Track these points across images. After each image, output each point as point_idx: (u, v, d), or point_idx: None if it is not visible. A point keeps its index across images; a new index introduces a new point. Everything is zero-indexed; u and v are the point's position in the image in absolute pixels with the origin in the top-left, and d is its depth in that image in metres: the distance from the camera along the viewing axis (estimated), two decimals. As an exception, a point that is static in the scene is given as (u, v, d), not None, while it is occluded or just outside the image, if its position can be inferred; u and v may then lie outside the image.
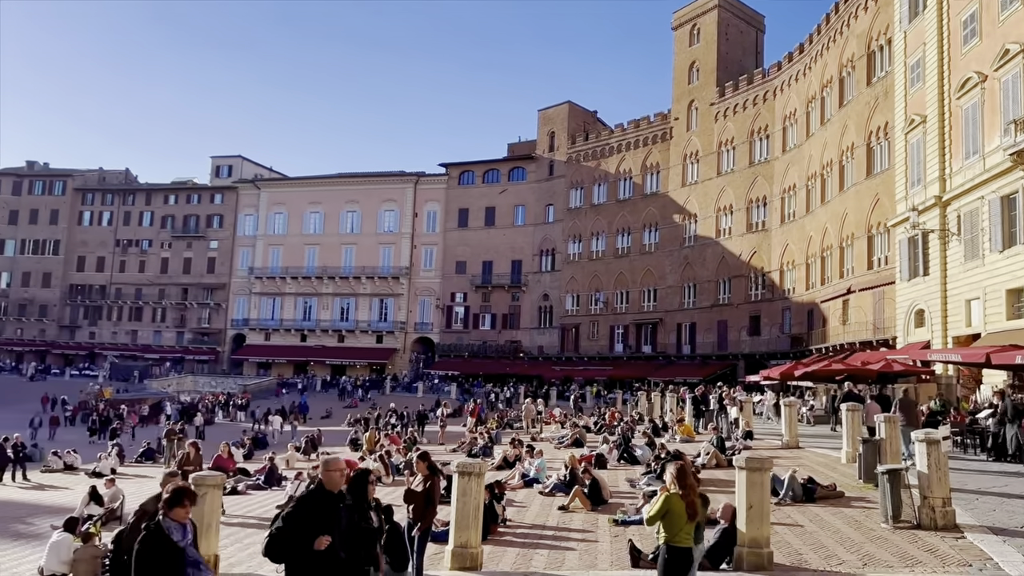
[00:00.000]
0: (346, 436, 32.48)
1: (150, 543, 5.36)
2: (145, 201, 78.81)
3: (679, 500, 6.53)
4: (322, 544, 5.37)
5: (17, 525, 16.08)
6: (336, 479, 5.73)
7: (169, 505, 5.60)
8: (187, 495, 5.75)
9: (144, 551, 5.33)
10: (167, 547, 5.40)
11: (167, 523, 5.51)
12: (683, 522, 6.49)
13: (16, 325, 78.57)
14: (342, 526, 5.61)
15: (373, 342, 69.75)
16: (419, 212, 70.61)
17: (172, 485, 6.11)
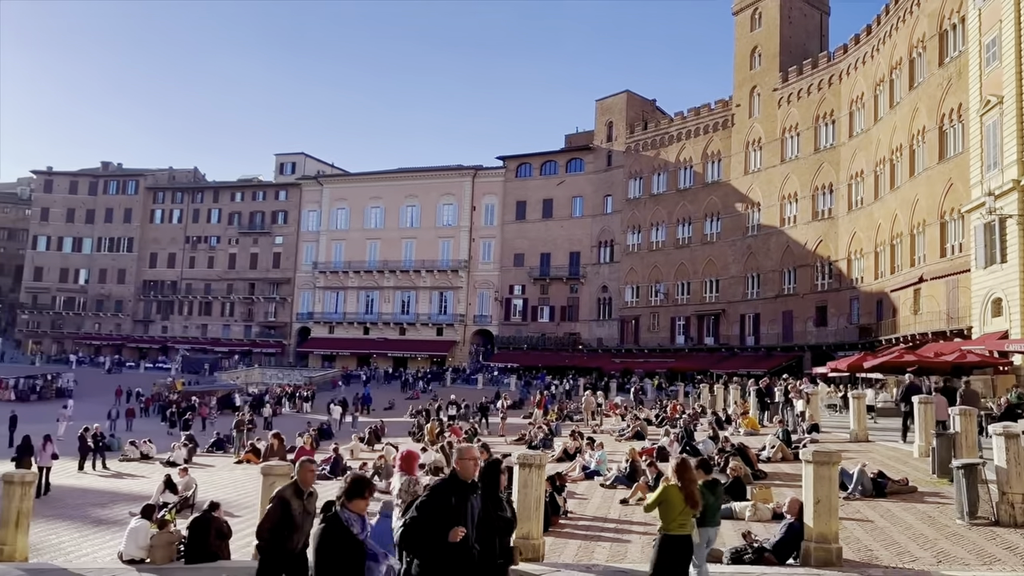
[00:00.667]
0: (408, 427, 32.95)
1: (330, 536, 5.17)
2: (213, 199, 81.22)
3: (676, 491, 6.85)
4: (457, 535, 5.18)
5: (97, 511, 16.80)
6: (470, 468, 5.52)
7: (348, 496, 5.40)
8: (368, 486, 5.54)
9: (324, 544, 5.16)
10: (347, 540, 5.21)
11: (346, 515, 5.29)
12: (677, 512, 6.79)
13: (94, 320, 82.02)
14: (476, 517, 5.43)
15: (433, 335, 70.49)
16: (477, 205, 70.94)
17: (351, 475, 5.88)
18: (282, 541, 6.43)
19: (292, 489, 6.63)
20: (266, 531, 6.46)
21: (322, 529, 5.24)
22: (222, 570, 9.51)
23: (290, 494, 6.56)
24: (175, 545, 10.38)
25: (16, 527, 10.39)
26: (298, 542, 6.44)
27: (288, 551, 6.47)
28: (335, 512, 5.33)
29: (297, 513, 6.51)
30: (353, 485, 5.45)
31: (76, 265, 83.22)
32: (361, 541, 5.26)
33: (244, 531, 11.96)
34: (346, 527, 5.21)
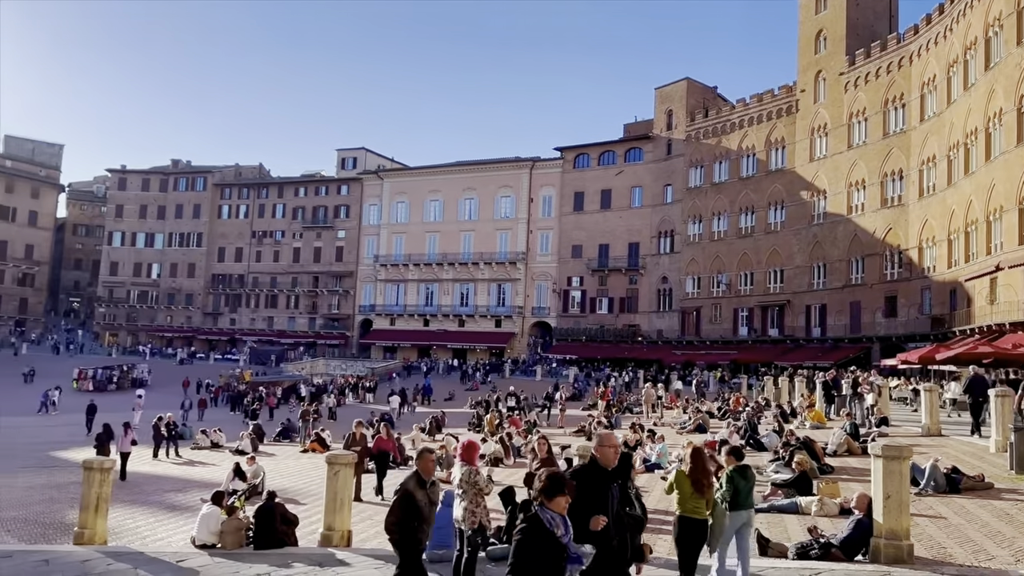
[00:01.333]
0: (467, 418, 33.24)
1: (531, 539, 4.67)
2: (277, 194, 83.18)
3: (685, 477, 7.27)
4: (598, 524, 4.91)
5: (171, 497, 17.43)
6: (611, 456, 5.24)
7: (548, 494, 4.82)
8: (568, 484, 4.99)
9: (525, 547, 4.67)
10: (550, 543, 4.68)
11: (547, 515, 4.75)
12: (687, 496, 7.16)
13: (166, 313, 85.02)
14: (614, 509, 5.14)
15: (492, 326, 70.84)
16: (535, 197, 70.88)
17: (547, 472, 5.14)
18: (412, 533, 6.27)
19: (415, 480, 6.48)
20: (393, 525, 6.33)
21: (522, 531, 4.73)
22: (288, 556, 9.77)
23: (413, 485, 6.41)
24: (244, 531, 10.70)
25: (96, 511, 10.86)
26: (427, 533, 6.32)
27: (420, 543, 6.33)
28: (535, 512, 4.82)
29: (423, 504, 6.40)
30: (552, 482, 4.88)
31: (149, 260, 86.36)
32: (564, 544, 4.74)
33: (311, 518, 12.25)
34: (549, 530, 4.70)
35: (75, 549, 10.50)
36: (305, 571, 8.90)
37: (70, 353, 73.46)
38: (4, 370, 58.32)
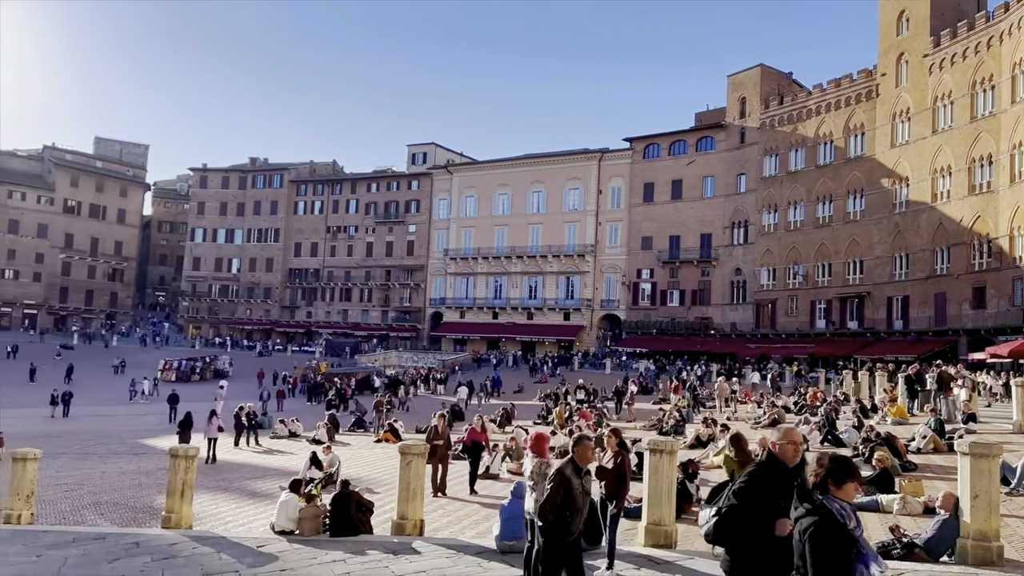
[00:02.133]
0: (536, 411, 33.29)
1: (826, 534, 4.03)
2: (351, 190, 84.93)
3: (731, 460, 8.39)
4: (785, 528, 4.47)
5: (251, 484, 18.05)
6: (791, 452, 4.82)
7: (837, 479, 4.19)
8: (856, 469, 4.36)
9: (822, 545, 4.05)
10: (845, 539, 4.04)
11: (835, 505, 4.11)
12: None
13: (246, 306, 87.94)
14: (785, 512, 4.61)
15: (561, 319, 70.72)
16: (603, 189, 70.31)
17: (831, 455, 4.55)
18: (567, 523, 6.07)
19: (571, 467, 6.23)
20: (549, 512, 6.13)
21: (814, 524, 4.07)
22: (363, 543, 9.99)
23: (570, 472, 6.17)
24: (321, 518, 11.00)
25: (182, 497, 11.34)
26: (580, 524, 6.07)
27: (572, 533, 6.13)
28: (821, 502, 4.16)
29: (578, 493, 6.18)
30: (839, 465, 4.24)
31: (229, 255, 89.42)
32: (856, 539, 4.07)
33: (384, 507, 12.49)
34: (841, 523, 4.05)
35: (163, 532, 10.99)
36: (379, 558, 9.09)
37: (156, 345, 76.77)
38: (97, 361, 61.42)
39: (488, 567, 8.69)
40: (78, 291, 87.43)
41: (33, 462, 12.34)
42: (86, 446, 25.93)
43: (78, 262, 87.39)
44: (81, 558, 9.48)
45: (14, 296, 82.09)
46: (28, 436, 26.15)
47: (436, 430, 15.77)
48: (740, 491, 4.77)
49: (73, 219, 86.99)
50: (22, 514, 12.02)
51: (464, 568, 8.65)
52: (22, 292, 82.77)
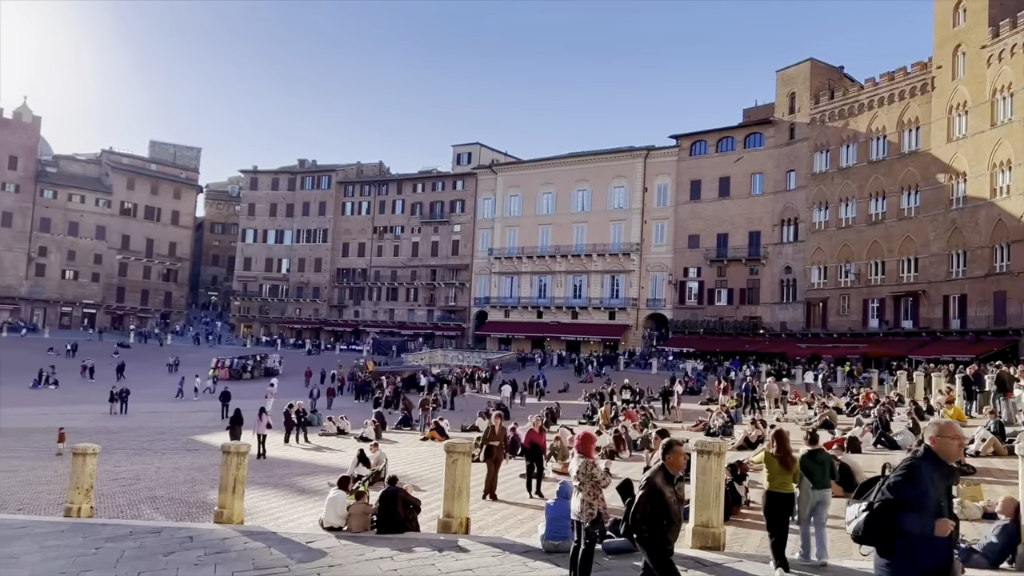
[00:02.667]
0: (582, 410, 33.17)
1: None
2: (397, 190, 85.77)
3: (772, 457, 8.47)
4: (947, 529, 4.24)
5: (301, 481, 18.34)
6: (954, 449, 4.54)
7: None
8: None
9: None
10: None
11: None
12: (777, 473, 8.37)
13: (295, 306, 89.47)
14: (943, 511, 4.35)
15: (606, 318, 70.33)
16: (649, 187, 69.70)
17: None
18: (663, 533, 5.79)
19: (662, 475, 5.88)
20: (641, 522, 5.80)
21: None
22: (410, 540, 10.07)
23: (661, 481, 5.84)
24: (368, 515, 11.11)
25: (233, 493, 11.57)
26: (676, 534, 5.75)
27: (669, 542, 5.84)
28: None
29: (671, 501, 5.88)
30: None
31: (279, 255, 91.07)
32: None
33: (430, 504, 12.57)
34: None
35: (215, 527, 11.23)
36: (426, 556, 9.14)
37: (209, 344, 78.57)
38: (152, 359, 63.17)
39: (534, 567, 8.68)
40: (134, 291, 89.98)
41: (92, 457, 12.72)
42: (142, 442, 26.65)
43: (134, 263, 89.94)
44: (138, 551, 9.74)
45: (74, 296, 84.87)
46: (87, 431, 26.99)
47: (493, 430, 15.20)
48: (897, 485, 4.34)
49: (129, 221, 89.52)
50: (82, 507, 12.41)
51: (510, 567, 8.65)
52: (82, 292, 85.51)
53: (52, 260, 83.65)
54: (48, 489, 16.86)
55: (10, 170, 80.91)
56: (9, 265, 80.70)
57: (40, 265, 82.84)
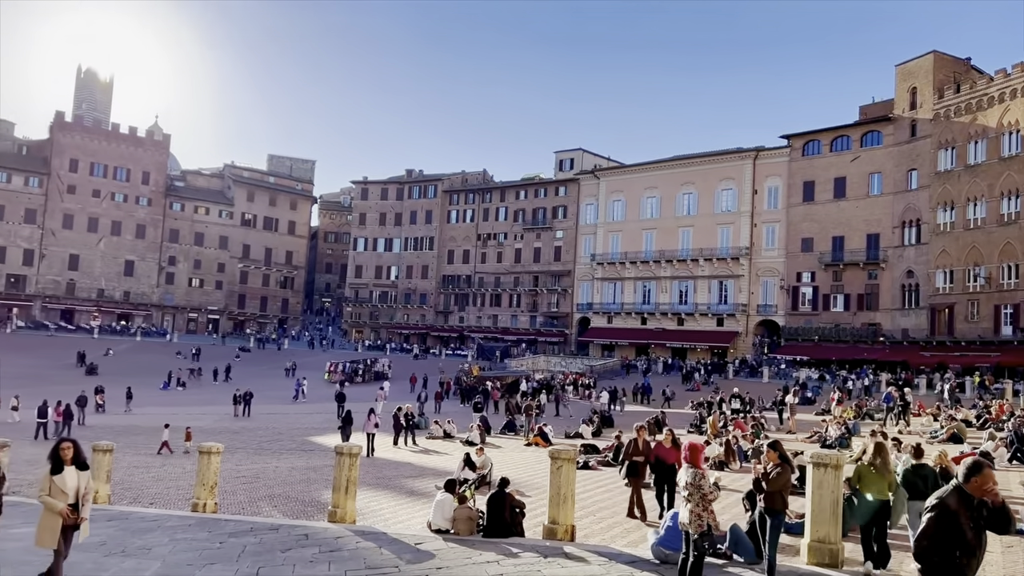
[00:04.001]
0: (689, 419, 32.45)
1: None
2: (500, 198, 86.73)
3: (867, 467, 9.00)
4: None
5: (409, 483, 18.75)
6: None
7: None
8: None
9: None
10: None
11: None
12: (870, 483, 8.84)
13: (403, 311, 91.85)
14: None
15: (713, 325, 68.58)
16: (759, 189, 67.55)
17: None
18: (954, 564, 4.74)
19: (956, 496, 4.81)
20: (924, 549, 4.83)
21: None
22: (515, 545, 10.09)
23: (955, 502, 4.80)
24: (474, 519, 11.22)
25: (346, 493, 11.94)
26: (974, 569, 4.80)
27: None
28: None
29: (968, 529, 4.76)
30: None
31: (388, 263, 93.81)
32: None
33: (535, 510, 12.58)
34: None
35: (329, 526, 11.62)
36: (531, 561, 9.14)
37: (323, 348, 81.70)
38: (271, 363, 66.25)
39: (641, 577, 8.52)
40: (254, 297, 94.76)
41: (216, 455, 13.44)
42: (261, 442, 27.95)
43: (254, 271, 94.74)
44: (257, 546, 10.20)
45: (200, 302, 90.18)
46: (212, 431, 28.58)
47: (636, 444, 13.42)
48: None
49: (250, 231, 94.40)
50: (207, 503, 13.12)
51: (616, 577, 8.53)
52: (206, 299, 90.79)
53: (180, 269, 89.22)
54: (176, 485, 17.92)
55: (143, 185, 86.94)
56: (142, 274, 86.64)
57: (169, 274, 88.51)
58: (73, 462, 7.43)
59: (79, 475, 7.46)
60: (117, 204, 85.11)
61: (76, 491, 7.39)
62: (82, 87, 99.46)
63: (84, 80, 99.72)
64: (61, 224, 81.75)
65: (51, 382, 46.83)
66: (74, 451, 7.49)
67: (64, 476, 7.34)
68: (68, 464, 7.39)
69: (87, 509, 7.54)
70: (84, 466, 7.58)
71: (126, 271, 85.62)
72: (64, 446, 7.49)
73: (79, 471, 7.48)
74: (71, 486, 7.36)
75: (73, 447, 7.52)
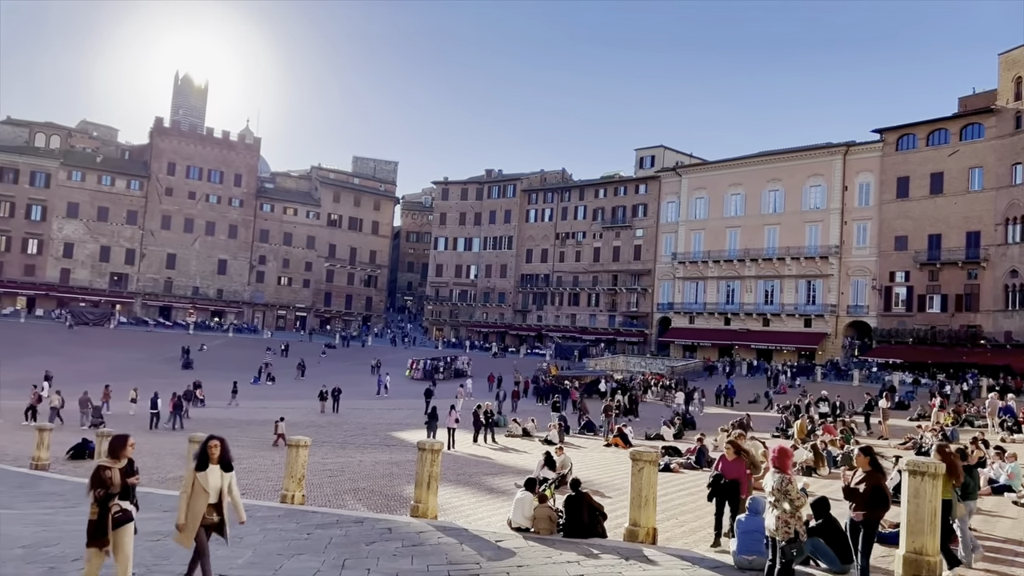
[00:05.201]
0: (774, 423, 31.59)
1: None
2: (579, 196, 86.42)
3: None
4: None
5: (488, 480, 18.88)
6: None
7: None
8: None
9: None
10: None
11: None
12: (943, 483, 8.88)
13: (482, 310, 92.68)
14: None
15: (800, 326, 66.48)
16: (849, 185, 65.06)
17: None
18: None
19: None
20: None
21: None
22: (595, 546, 10.03)
23: None
24: (554, 519, 11.21)
25: (428, 488, 12.10)
26: None
27: None
28: None
29: None
30: None
31: (467, 262, 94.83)
32: None
33: (616, 512, 12.47)
34: None
35: (412, 521, 11.81)
36: (612, 563, 9.06)
37: (404, 345, 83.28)
38: (355, 360, 67.95)
39: (725, 583, 8.34)
40: (339, 296, 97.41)
41: (304, 449, 13.85)
42: (345, 436, 28.69)
43: (339, 270, 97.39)
44: (343, 539, 10.47)
45: (288, 300, 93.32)
46: (299, 425, 29.51)
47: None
48: None
49: (335, 231, 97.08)
50: (295, 495, 13.55)
51: (699, 582, 8.37)
52: (294, 297, 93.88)
53: (270, 268, 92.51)
54: (266, 476, 18.56)
55: (236, 187, 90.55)
56: (235, 272, 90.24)
57: (260, 272, 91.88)
58: (219, 461, 7.27)
59: (223, 475, 7.28)
60: (211, 205, 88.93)
61: (219, 491, 7.22)
62: (179, 93, 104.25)
63: (181, 86, 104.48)
64: (160, 225, 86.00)
65: (152, 375, 49.41)
66: (221, 450, 7.30)
67: (207, 474, 7.17)
68: (214, 462, 7.23)
69: (240, 510, 7.49)
70: (228, 466, 7.37)
71: (219, 270, 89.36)
72: (212, 443, 7.29)
73: (223, 471, 7.30)
74: (214, 485, 7.18)
75: (220, 445, 7.32)
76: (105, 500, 6.70)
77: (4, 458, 20.77)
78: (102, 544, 6.69)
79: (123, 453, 6.99)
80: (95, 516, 6.69)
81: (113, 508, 6.72)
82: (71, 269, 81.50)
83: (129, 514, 6.84)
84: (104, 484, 6.72)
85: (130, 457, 7.05)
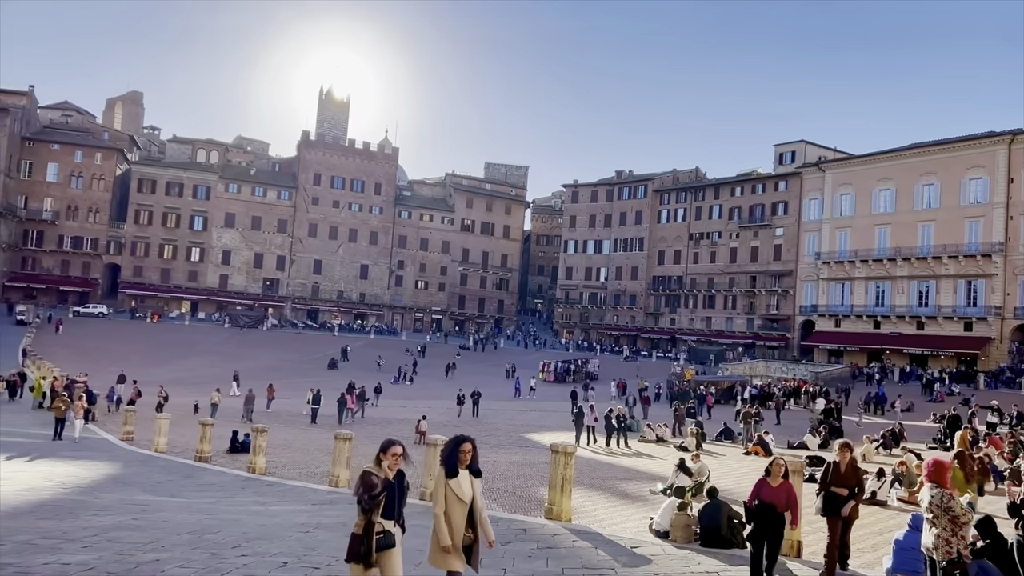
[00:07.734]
0: (931, 433, 29.48)
1: None
2: (713, 196, 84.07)
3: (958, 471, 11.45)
4: None
5: (622, 485, 18.67)
6: None
7: None
8: None
9: None
10: None
11: None
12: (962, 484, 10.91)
13: (613, 313, 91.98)
14: None
15: (960, 330, 61.56)
16: (1015, 177, 59.66)
17: None
18: None
19: None
20: None
21: None
22: (736, 557, 9.70)
23: None
24: (692, 527, 10.94)
25: (561, 491, 12.11)
26: None
27: None
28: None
29: None
30: None
31: (597, 264, 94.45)
32: None
33: (755, 523, 12.01)
34: None
35: (546, 523, 11.86)
36: None
37: (535, 348, 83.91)
38: (489, 361, 69.14)
39: (878, 603, 7.84)
40: (472, 299, 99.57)
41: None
42: (480, 436, 28.98)
43: (472, 273, 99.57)
44: (480, 537, 10.64)
45: (424, 303, 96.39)
46: (436, 424, 30.34)
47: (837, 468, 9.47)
48: None
49: (468, 236, 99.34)
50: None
51: (850, 601, 7.91)
52: (430, 300, 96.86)
53: (407, 272, 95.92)
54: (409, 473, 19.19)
55: (376, 195, 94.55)
56: (376, 277, 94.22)
57: (399, 276, 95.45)
58: (468, 466, 6.11)
59: (473, 482, 6.10)
60: (353, 213, 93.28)
61: (470, 502, 6.05)
62: (323, 107, 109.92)
63: (325, 101, 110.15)
64: (307, 233, 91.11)
65: (302, 375, 52.46)
66: (473, 453, 6.16)
67: (459, 481, 6.03)
68: (463, 467, 6.08)
69: (488, 528, 6.17)
70: (478, 472, 6.18)
71: (361, 274, 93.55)
72: (465, 447, 6.11)
73: (473, 478, 6.13)
74: (467, 494, 6.03)
75: (473, 448, 6.17)
76: (368, 513, 5.72)
77: (173, 450, 22.63)
78: (366, 564, 5.71)
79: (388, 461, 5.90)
80: (359, 530, 5.74)
81: (376, 527, 5.73)
82: (228, 275, 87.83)
83: (391, 538, 5.81)
84: (370, 488, 5.73)
85: (399, 468, 5.98)
